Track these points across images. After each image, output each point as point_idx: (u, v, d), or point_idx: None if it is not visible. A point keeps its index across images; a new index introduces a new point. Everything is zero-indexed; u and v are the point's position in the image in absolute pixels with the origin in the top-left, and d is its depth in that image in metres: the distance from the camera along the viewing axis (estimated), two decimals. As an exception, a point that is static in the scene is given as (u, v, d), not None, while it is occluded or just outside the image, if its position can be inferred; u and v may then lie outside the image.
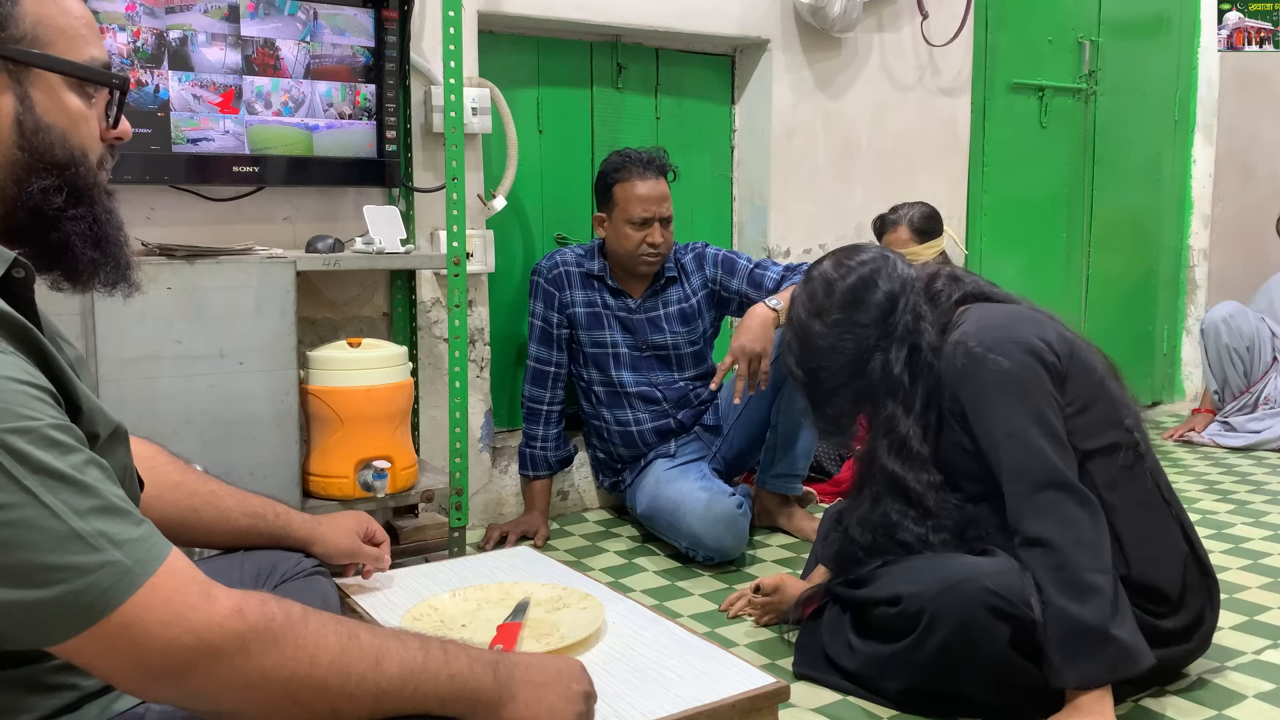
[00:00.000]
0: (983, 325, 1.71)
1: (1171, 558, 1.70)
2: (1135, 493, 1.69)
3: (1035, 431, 1.62)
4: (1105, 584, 1.55)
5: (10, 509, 0.78)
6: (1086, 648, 1.53)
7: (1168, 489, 1.76)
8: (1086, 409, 1.68)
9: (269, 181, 2.32)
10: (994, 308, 1.76)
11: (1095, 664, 1.53)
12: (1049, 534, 1.58)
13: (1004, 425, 1.64)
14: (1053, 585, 1.55)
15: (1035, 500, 1.60)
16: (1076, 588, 1.54)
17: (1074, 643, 1.53)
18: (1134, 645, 1.54)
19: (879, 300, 1.73)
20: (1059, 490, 1.60)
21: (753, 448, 2.73)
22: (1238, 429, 3.73)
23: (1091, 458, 1.67)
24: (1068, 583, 1.55)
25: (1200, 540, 1.78)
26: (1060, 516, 1.58)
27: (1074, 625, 1.53)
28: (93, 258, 0.97)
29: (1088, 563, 1.55)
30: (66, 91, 0.95)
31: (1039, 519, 1.59)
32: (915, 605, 1.62)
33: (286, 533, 1.47)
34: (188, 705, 0.87)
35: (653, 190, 2.60)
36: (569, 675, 1.04)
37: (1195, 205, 4.42)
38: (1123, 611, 1.55)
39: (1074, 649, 1.53)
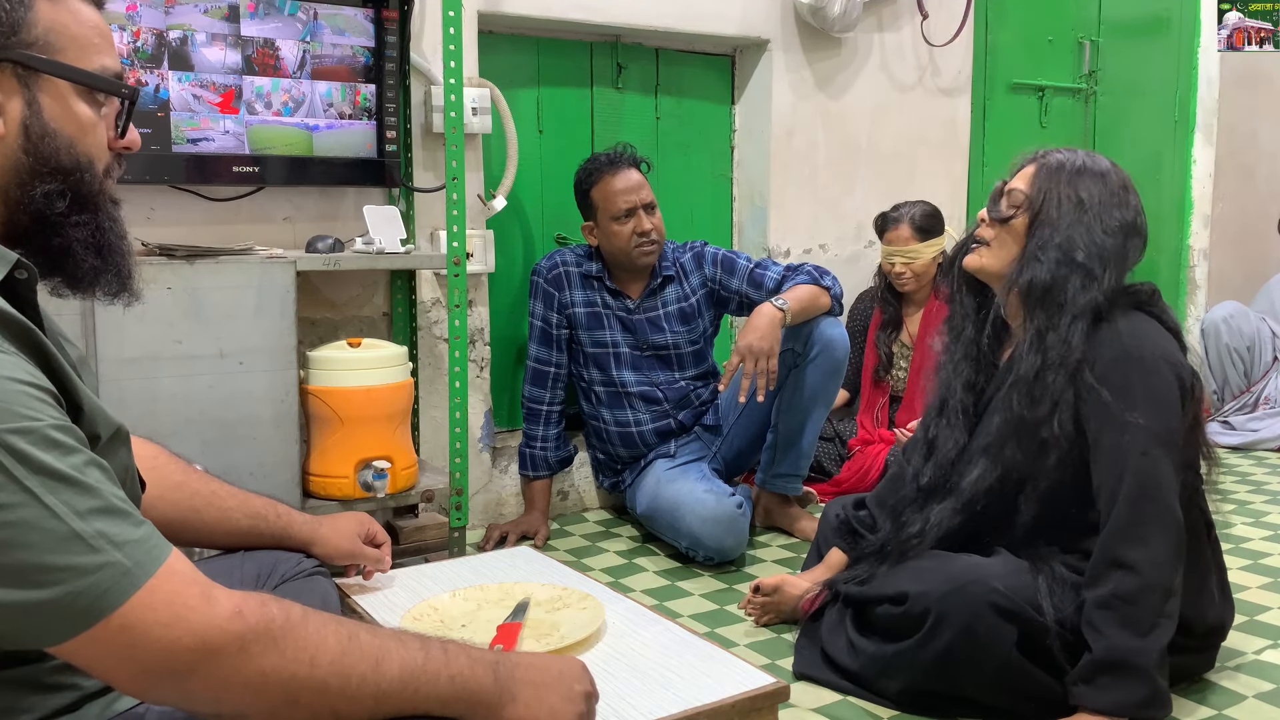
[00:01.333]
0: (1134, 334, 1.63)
1: (1206, 596, 1.71)
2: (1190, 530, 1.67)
3: (1167, 463, 1.58)
4: (1168, 630, 1.53)
5: (11, 509, 0.78)
6: (1128, 681, 1.51)
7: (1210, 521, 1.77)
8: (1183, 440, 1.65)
9: (269, 181, 2.32)
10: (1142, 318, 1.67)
11: (1129, 698, 1.51)
12: (1142, 561, 1.54)
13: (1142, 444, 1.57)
14: (1120, 612, 1.53)
15: (1146, 522, 1.55)
16: (1142, 624, 1.52)
17: (1118, 673, 1.52)
18: (1165, 695, 1.53)
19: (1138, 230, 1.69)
20: (1168, 522, 1.56)
21: (753, 448, 2.73)
22: (1237, 428, 3.73)
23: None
24: (1137, 616, 1.52)
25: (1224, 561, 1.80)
26: (1159, 550, 1.54)
27: (1126, 657, 1.51)
28: (94, 265, 0.98)
29: (1161, 605, 1.53)
30: (75, 99, 0.95)
31: (1141, 544, 1.54)
32: (921, 604, 1.61)
33: (287, 533, 1.47)
34: (188, 706, 0.87)
35: (627, 181, 2.61)
36: (570, 675, 1.04)
37: (1195, 205, 4.42)
38: (1165, 662, 1.54)
39: (1116, 678, 1.51)
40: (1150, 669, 1.51)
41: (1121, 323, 1.64)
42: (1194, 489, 1.70)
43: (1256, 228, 4.53)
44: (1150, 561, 1.54)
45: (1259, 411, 3.73)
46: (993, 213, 1.75)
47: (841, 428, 3.13)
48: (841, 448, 3.08)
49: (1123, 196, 1.69)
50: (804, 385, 2.57)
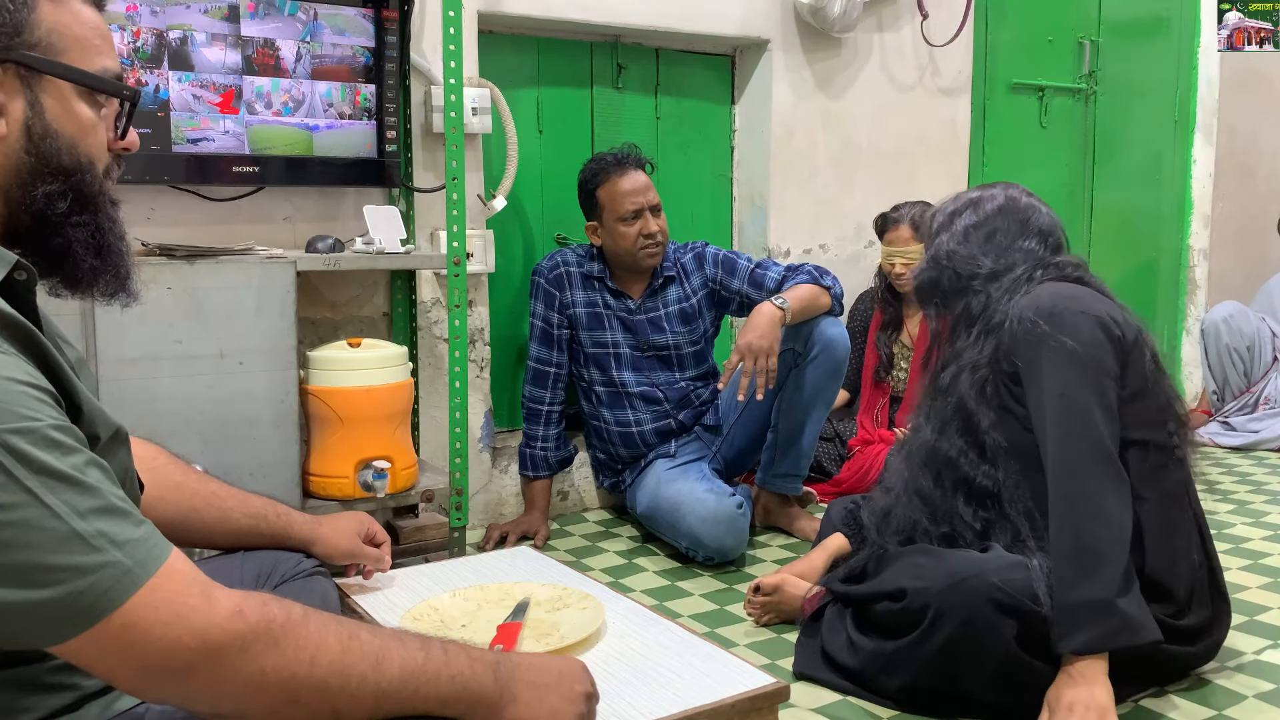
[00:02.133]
0: (1055, 293, 1.73)
1: (1185, 562, 1.71)
2: (1162, 493, 1.70)
3: (1091, 398, 1.63)
4: (1119, 558, 1.55)
5: (11, 509, 0.78)
6: (1090, 615, 1.54)
7: (1196, 499, 1.77)
8: (1135, 398, 1.69)
9: (269, 181, 2.32)
10: (1067, 284, 1.78)
11: (1096, 632, 1.53)
12: (1076, 499, 1.59)
13: (1060, 385, 1.64)
14: (1066, 551, 1.57)
15: (1073, 465, 1.61)
16: (1089, 557, 1.55)
17: (1078, 609, 1.54)
18: (1138, 619, 1.54)
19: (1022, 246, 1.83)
20: (1099, 462, 1.60)
21: (753, 448, 2.73)
22: (1237, 429, 3.73)
23: (1128, 448, 1.67)
24: (1082, 550, 1.56)
25: (1218, 558, 1.80)
26: (1093, 486, 1.59)
27: (1080, 592, 1.54)
28: (93, 265, 0.98)
29: (1106, 534, 1.56)
30: (77, 100, 0.96)
31: (1072, 481, 1.60)
32: (920, 600, 1.62)
33: (287, 533, 1.47)
34: (188, 706, 0.87)
35: (634, 182, 2.61)
36: (570, 676, 1.04)
37: (1195, 205, 4.42)
38: (1132, 587, 1.56)
39: (1077, 615, 1.54)
40: (1110, 595, 1.53)
41: (1046, 288, 1.74)
42: (1164, 449, 1.71)
43: (1256, 228, 4.53)
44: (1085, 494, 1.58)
45: (1259, 411, 3.73)
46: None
47: (841, 428, 3.13)
48: (841, 448, 3.08)
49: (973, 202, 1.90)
50: (804, 385, 2.57)
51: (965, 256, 1.84)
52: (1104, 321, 1.68)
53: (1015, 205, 1.86)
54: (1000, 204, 1.87)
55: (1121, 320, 1.71)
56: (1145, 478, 1.68)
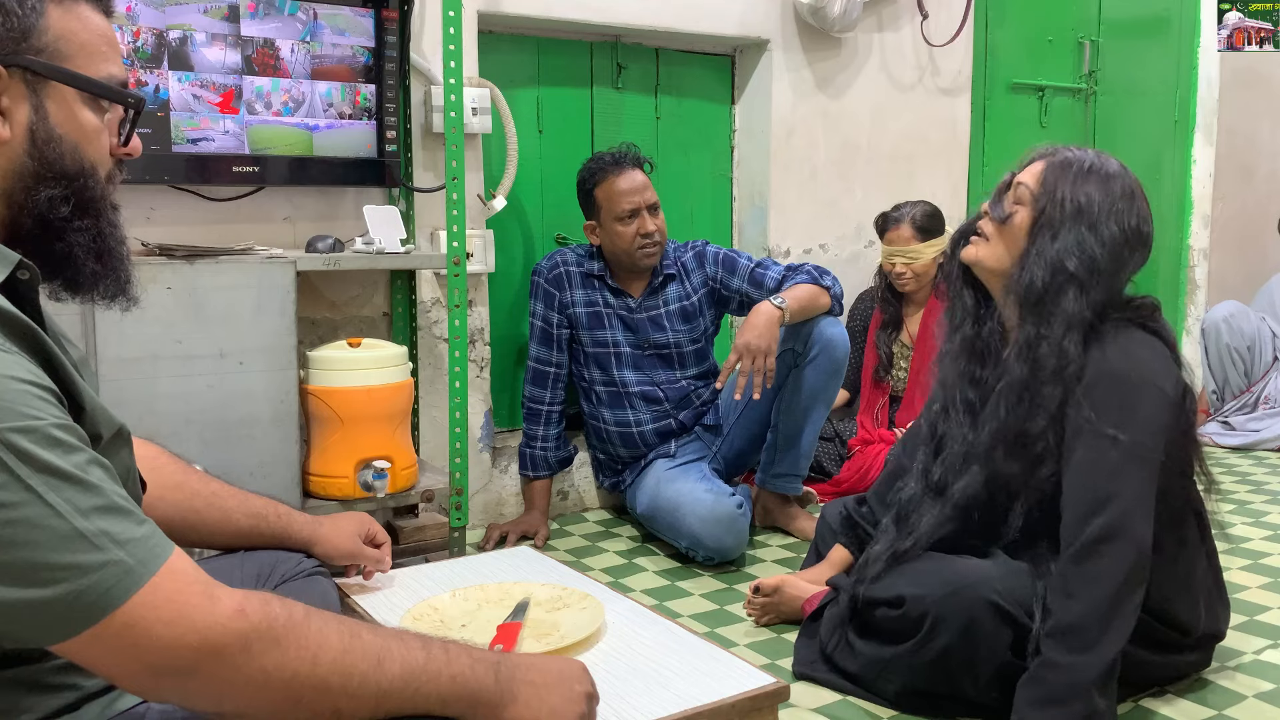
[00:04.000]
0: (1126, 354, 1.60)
1: (1198, 597, 1.70)
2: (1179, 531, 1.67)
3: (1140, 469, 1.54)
4: (1113, 649, 1.49)
5: (13, 507, 0.78)
6: (1063, 697, 1.48)
7: (1206, 523, 1.75)
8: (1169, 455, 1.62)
9: (269, 181, 2.32)
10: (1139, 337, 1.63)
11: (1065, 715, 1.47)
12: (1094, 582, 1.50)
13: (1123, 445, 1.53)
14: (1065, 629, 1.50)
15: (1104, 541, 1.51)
16: (1086, 643, 1.48)
17: (1053, 687, 1.48)
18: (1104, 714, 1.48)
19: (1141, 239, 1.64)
20: (1131, 547, 1.51)
21: (753, 447, 2.73)
22: (1237, 429, 3.73)
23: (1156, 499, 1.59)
24: (1082, 635, 1.49)
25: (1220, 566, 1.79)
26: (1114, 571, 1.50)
27: (1063, 671, 1.48)
28: (94, 269, 0.98)
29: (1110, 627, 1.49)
30: (81, 105, 0.96)
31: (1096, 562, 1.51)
32: (919, 607, 1.62)
33: (288, 533, 1.47)
34: (190, 705, 0.87)
35: (631, 182, 2.61)
36: (571, 676, 1.04)
37: (1195, 205, 4.42)
38: (1112, 681, 1.50)
39: (1050, 692, 1.48)
40: (1091, 689, 1.47)
41: (1115, 340, 1.61)
42: (1186, 491, 1.70)
43: (1256, 228, 4.53)
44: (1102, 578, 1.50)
45: (1259, 411, 3.73)
46: (994, 211, 1.71)
47: (841, 428, 3.13)
48: (841, 448, 3.08)
49: (1126, 204, 1.63)
50: (804, 385, 2.57)
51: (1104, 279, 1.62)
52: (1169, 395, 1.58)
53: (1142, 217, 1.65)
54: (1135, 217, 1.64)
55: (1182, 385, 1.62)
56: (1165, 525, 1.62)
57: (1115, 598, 1.50)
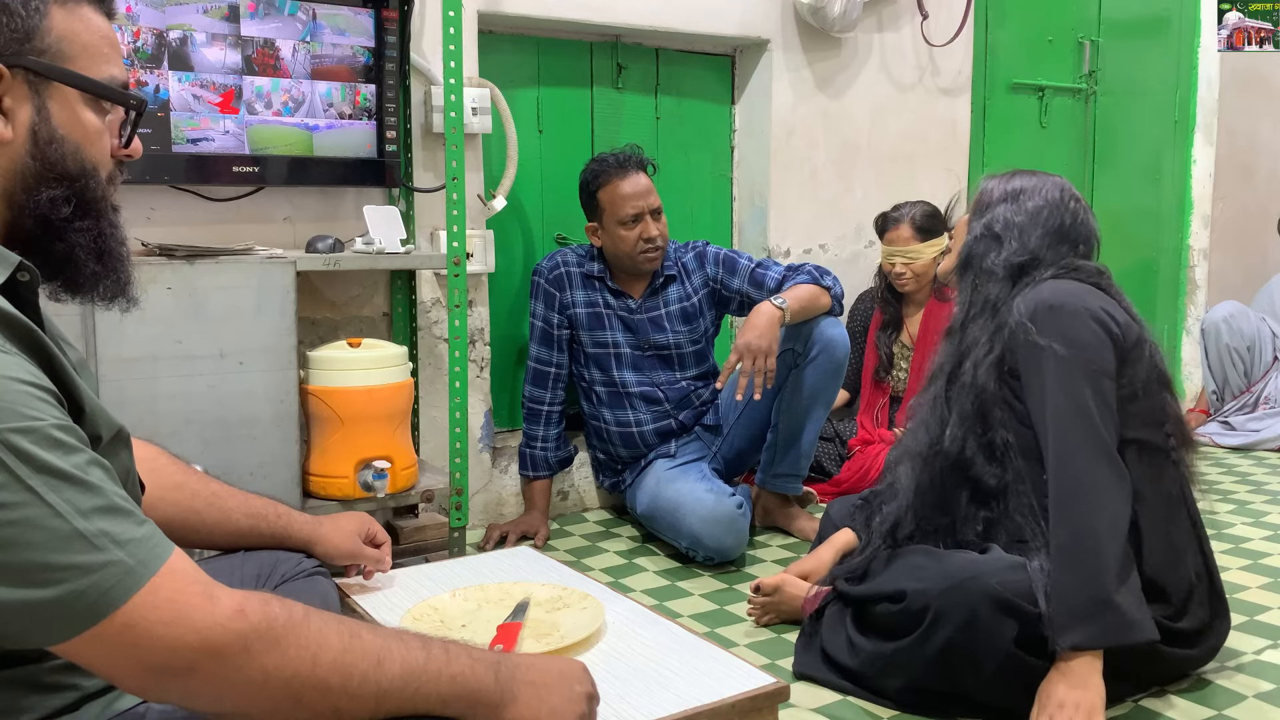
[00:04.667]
0: (1056, 289, 1.72)
1: (1182, 564, 1.70)
2: (1160, 494, 1.70)
3: (1087, 395, 1.63)
4: (1116, 553, 1.55)
5: (13, 508, 0.78)
6: (1086, 611, 1.53)
7: (1194, 505, 1.77)
8: (1132, 399, 1.69)
9: (269, 181, 2.32)
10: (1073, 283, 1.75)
11: (1092, 628, 1.53)
12: (1074, 495, 1.59)
13: (1057, 383, 1.64)
14: (1064, 546, 1.57)
15: (1071, 460, 1.61)
16: (1088, 553, 1.55)
17: (1074, 604, 1.54)
18: (1134, 616, 1.54)
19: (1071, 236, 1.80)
20: (1097, 457, 1.60)
21: (753, 448, 2.73)
22: (1237, 429, 3.73)
23: (1125, 446, 1.67)
24: (1080, 546, 1.56)
25: (1214, 560, 1.79)
26: (1091, 481, 1.59)
27: (1077, 587, 1.54)
28: (95, 270, 0.99)
29: (1104, 529, 1.56)
30: (83, 106, 0.96)
31: (1070, 477, 1.60)
32: (920, 601, 1.62)
33: (288, 533, 1.47)
34: (190, 705, 0.87)
35: (636, 185, 2.60)
36: (571, 676, 1.04)
37: (1195, 205, 4.42)
38: (1129, 584, 1.56)
39: (1073, 610, 1.54)
40: (1107, 591, 1.53)
41: (1049, 284, 1.73)
42: (1161, 451, 1.71)
43: (1256, 228, 4.53)
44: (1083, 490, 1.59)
45: (1259, 411, 3.73)
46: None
47: (841, 428, 3.13)
48: (841, 448, 3.08)
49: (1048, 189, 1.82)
50: (804, 385, 2.57)
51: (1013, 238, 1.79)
52: (1100, 318, 1.68)
53: (1067, 204, 1.82)
54: (1056, 199, 1.82)
55: (1123, 321, 1.71)
56: (1143, 478, 1.68)
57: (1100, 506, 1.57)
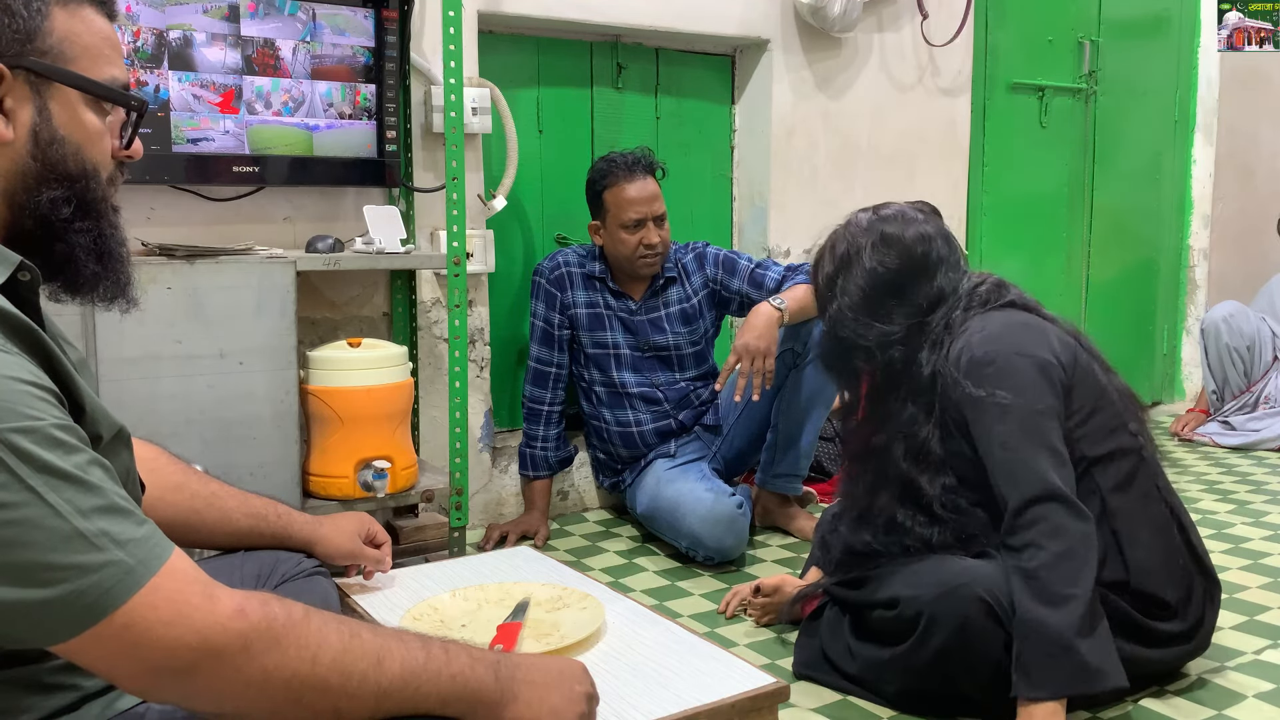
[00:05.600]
0: (986, 334, 1.67)
1: (1172, 565, 1.70)
2: (1138, 497, 1.69)
3: (1031, 445, 1.59)
4: (1080, 596, 1.50)
5: (13, 508, 0.78)
6: (1047, 657, 1.49)
7: (1168, 490, 1.76)
8: (1092, 415, 1.67)
9: (269, 181, 2.32)
10: (996, 315, 1.71)
11: (1052, 674, 1.49)
12: (1034, 543, 1.54)
13: (999, 436, 1.61)
14: (1026, 591, 1.52)
15: (1026, 512, 1.56)
16: (1049, 597, 1.50)
17: (1036, 650, 1.50)
18: (1098, 663, 1.49)
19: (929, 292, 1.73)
20: (1052, 502, 1.56)
21: (753, 448, 2.73)
22: (1237, 428, 3.73)
23: (1097, 464, 1.65)
24: (1041, 591, 1.51)
25: (1200, 540, 1.78)
26: (1050, 528, 1.54)
27: (1038, 632, 1.50)
28: (95, 271, 0.99)
29: (1067, 575, 1.51)
30: (84, 108, 0.96)
31: (1027, 530, 1.56)
32: (913, 608, 1.62)
33: (288, 533, 1.47)
34: (190, 705, 0.87)
35: (641, 190, 2.60)
36: (571, 676, 1.04)
37: (1195, 205, 4.42)
38: (1096, 629, 1.51)
39: (1035, 656, 1.50)
40: (1069, 636, 1.48)
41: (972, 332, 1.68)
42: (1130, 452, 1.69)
43: (1256, 228, 4.53)
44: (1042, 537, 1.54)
45: (1259, 411, 3.73)
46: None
47: (841, 428, 3.13)
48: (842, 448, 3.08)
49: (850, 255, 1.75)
50: (804, 385, 2.58)
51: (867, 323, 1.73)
52: (1040, 362, 1.64)
53: (899, 242, 1.74)
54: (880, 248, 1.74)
55: (1057, 348, 1.66)
56: (1119, 487, 1.66)
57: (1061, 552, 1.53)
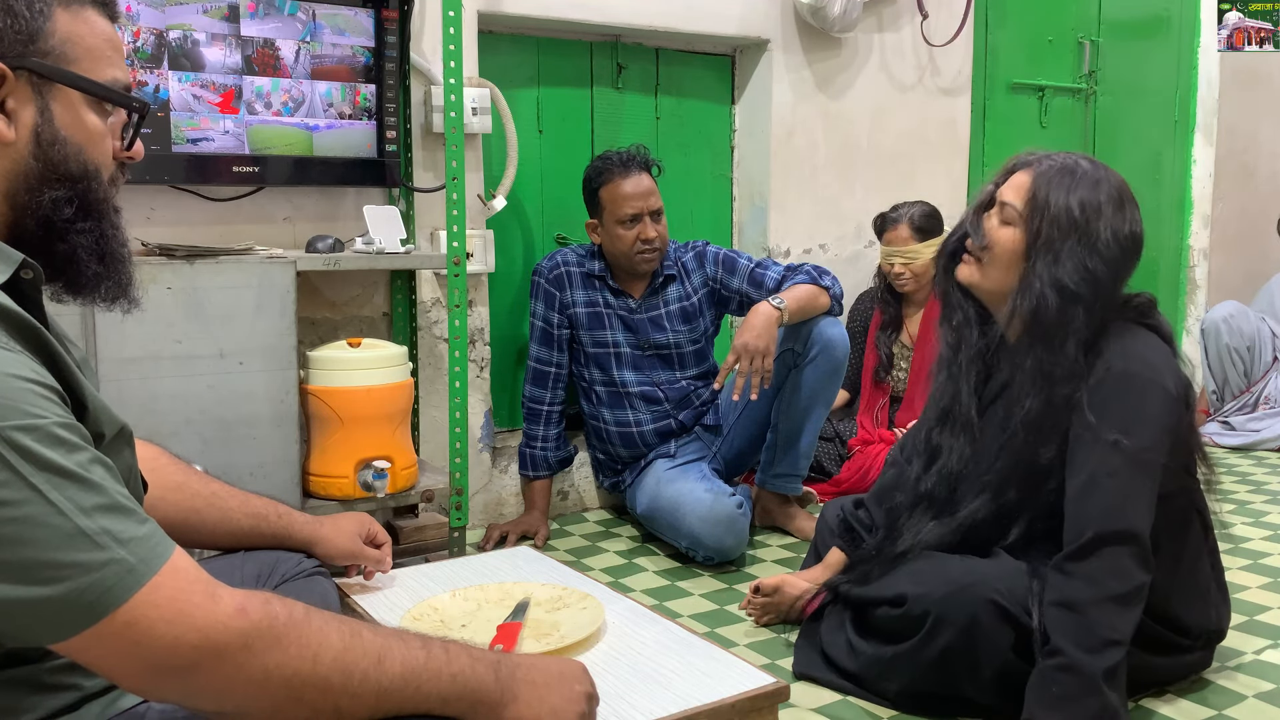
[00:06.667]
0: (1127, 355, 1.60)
1: (1203, 599, 1.71)
2: (1183, 532, 1.67)
3: (1135, 482, 1.54)
4: (1121, 645, 1.48)
5: (16, 505, 0.78)
6: (1073, 696, 1.46)
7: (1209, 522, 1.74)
8: (1172, 453, 1.61)
9: (269, 181, 2.32)
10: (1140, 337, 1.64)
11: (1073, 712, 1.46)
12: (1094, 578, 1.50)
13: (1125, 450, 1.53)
14: (1067, 623, 1.49)
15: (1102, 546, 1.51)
16: (1091, 639, 1.47)
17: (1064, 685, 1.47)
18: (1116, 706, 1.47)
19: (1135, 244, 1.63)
20: (1130, 545, 1.51)
21: (753, 448, 2.73)
22: (1237, 428, 3.73)
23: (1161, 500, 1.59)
24: (1084, 629, 1.48)
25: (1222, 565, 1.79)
26: (1117, 569, 1.50)
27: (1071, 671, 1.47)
28: (96, 271, 0.99)
29: (1115, 623, 1.48)
30: (86, 109, 0.97)
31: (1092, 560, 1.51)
32: (921, 606, 1.62)
33: (288, 534, 1.47)
34: (191, 704, 0.87)
35: (637, 186, 2.60)
36: (571, 676, 1.04)
37: (1195, 205, 4.42)
38: (1120, 679, 1.49)
39: (1062, 690, 1.47)
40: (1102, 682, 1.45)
41: (1118, 340, 1.61)
42: (1190, 491, 1.70)
43: (1256, 228, 4.53)
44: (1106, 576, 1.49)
45: (1259, 411, 3.73)
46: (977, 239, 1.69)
47: (841, 428, 3.13)
48: (841, 448, 3.08)
49: (1118, 212, 1.61)
50: (804, 385, 2.57)
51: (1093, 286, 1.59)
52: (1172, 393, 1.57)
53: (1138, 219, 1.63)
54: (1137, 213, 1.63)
55: (1184, 382, 1.61)
56: (1170, 527, 1.63)
57: (1117, 595, 1.49)
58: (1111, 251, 1.60)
